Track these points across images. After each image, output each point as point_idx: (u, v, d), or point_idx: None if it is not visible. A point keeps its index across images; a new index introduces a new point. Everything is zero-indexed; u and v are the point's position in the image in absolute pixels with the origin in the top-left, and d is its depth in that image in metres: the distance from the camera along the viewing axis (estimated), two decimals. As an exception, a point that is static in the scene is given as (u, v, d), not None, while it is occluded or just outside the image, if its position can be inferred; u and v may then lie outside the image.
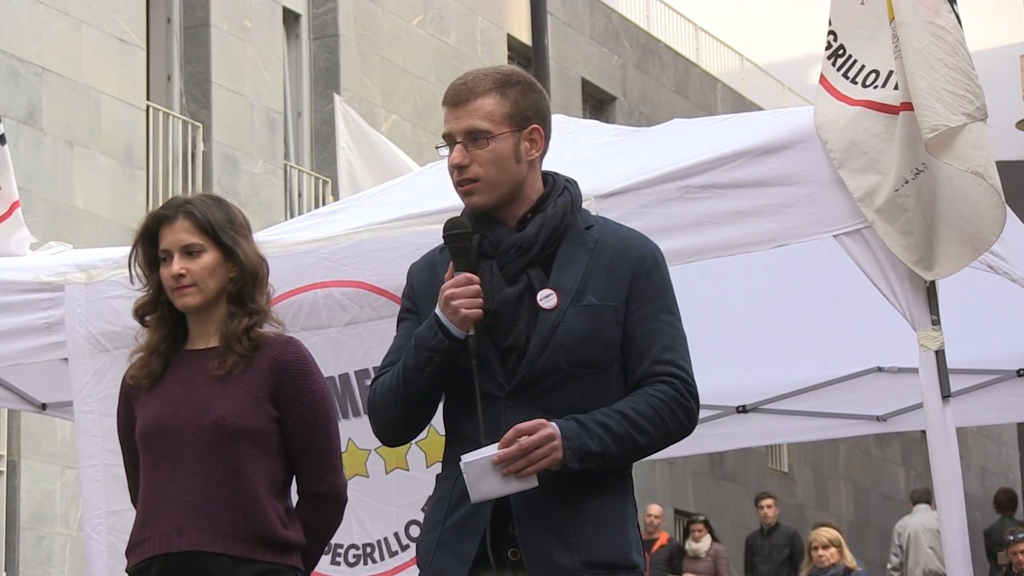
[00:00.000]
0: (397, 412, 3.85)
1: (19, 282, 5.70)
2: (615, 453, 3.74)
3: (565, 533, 3.74)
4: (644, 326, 3.83)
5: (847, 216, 4.85)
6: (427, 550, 3.84)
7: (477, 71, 3.97)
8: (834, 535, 13.31)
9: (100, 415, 5.53)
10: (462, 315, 3.73)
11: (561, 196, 3.91)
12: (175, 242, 4.30)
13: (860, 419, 7.90)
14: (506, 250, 3.84)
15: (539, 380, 3.78)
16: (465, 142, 3.86)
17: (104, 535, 5.52)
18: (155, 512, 4.25)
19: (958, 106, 4.73)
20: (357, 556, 5.54)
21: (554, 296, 3.80)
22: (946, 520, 4.76)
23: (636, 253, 3.88)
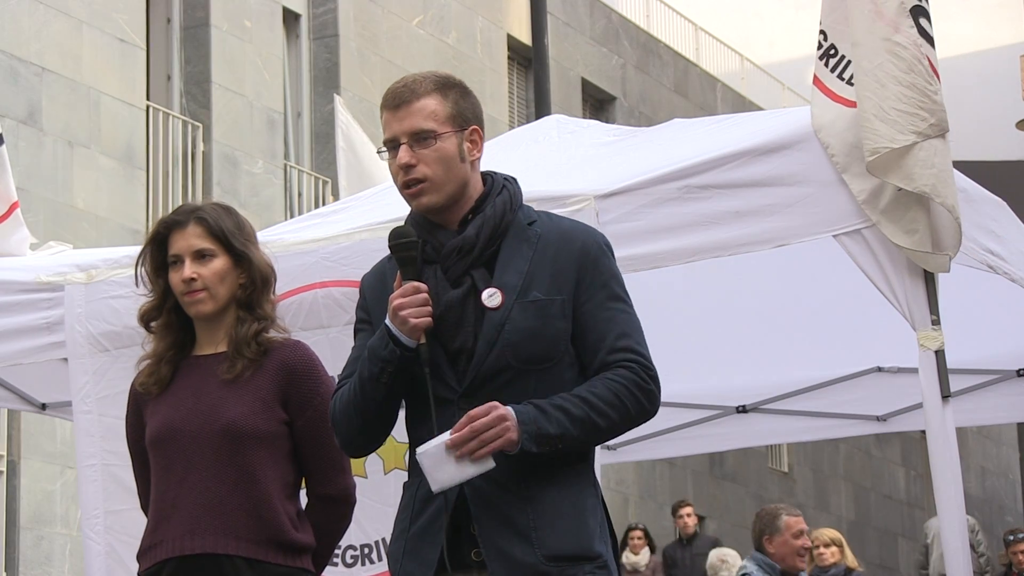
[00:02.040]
0: (358, 423, 3.85)
1: (19, 282, 5.70)
2: (575, 435, 3.72)
3: (524, 528, 3.72)
4: (596, 316, 3.83)
5: (847, 216, 4.85)
6: (395, 559, 3.84)
7: (415, 75, 3.99)
8: (835, 535, 13.33)
9: (99, 415, 5.53)
10: (411, 325, 3.73)
11: (500, 195, 3.91)
12: (186, 247, 4.33)
13: (860, 419, 7.91)
14: (448, 253, 3.84)
15: (490, 379, 3.77)
16: (410, 143, 3.85)
17: (102, 535, 5.52)
18: (167, 516, 4.28)
19: (907, 125, 4.72)
20: (355, 557, 5.54)
21: (499, 295, 3.80)
22: (946, 520, 4.76)
23: (580, 245, 3.86)
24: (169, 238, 4.36)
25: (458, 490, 3.74)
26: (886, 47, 4.75)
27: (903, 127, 4.71)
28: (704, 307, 6.51)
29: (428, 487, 3.72)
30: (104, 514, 5.52)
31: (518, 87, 20.41)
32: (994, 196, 5.54)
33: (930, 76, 4.74)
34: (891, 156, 4.73)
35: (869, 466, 27.30)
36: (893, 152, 4.72)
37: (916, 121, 4.72)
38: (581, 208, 5.01)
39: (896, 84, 4.73)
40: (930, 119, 4.73)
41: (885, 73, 4.74)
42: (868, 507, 27.11)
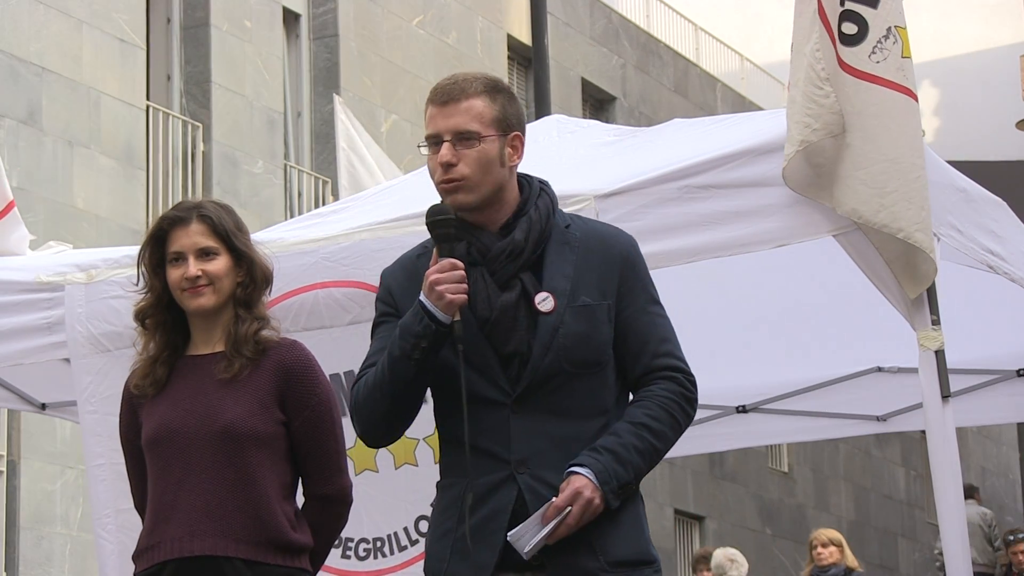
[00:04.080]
0: (384, 406, 3.86)
1: (19, 282, 5.69)
2: (644, 470, 3.83)
3: (586, 535, 3.77)
4: (638, 321, 3.88)
5: (845, 216, 4.85)
6: (440, 558, 3.85)
7: (465, 73, 3.98)
8: (835, 535, 13.34)
9: (104, 414, 5.53)
10: (447, 300, 3.74)
11: (540, 198, 3.94)
12: (190, 244, 4.31)
13: (860, 419, 7.91)
14: (495, 256, 3.86)
15: (543, 384, 3.81)
16: (453, 141, 3.86)
17: (114, 534, 5.53)
18: (165, 517, 4.27)
19: (797, 134, 4.72)
20: (367, 550, 5.56)
21: (551, 299, 3.83)
22: (946, 520, 4.76)
23: (620, 249, 3.92)
24: (170, 235, 4.34)
25: (515, 495, 3.79)
26: (801, 61, 4.77)
27: (794, 139, 4.72)
28: (704, 307, 6.51)
29: (476, 488, 3.77)
30: (115, 513, 5.52)
31: (518, 87, 20.41)
32: (994, 196, 5.54)
33: (821, 81, 4.70)
34: (809, 175, 4.74)
35: (869, 466, 27.29)
36: (812, 172, 4.73)
37: (801, 128, 4.71)
38: (581, 208, 5.01)
39: (799, 96, 4.74)
40: (814, 124, 4.70)
41: (797, 89, 4.76)
42: (868, 507, 27.11)
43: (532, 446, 3.80)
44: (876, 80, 4.72)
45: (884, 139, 4.70)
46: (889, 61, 4.74)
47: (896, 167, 4.68)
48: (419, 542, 5.50)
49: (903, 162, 4.68)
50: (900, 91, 4.73)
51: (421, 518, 5.51)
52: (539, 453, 3.80)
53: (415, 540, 5.51)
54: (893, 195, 4.66)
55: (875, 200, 4.66)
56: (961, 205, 5.17)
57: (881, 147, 4.69)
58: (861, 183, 4.69)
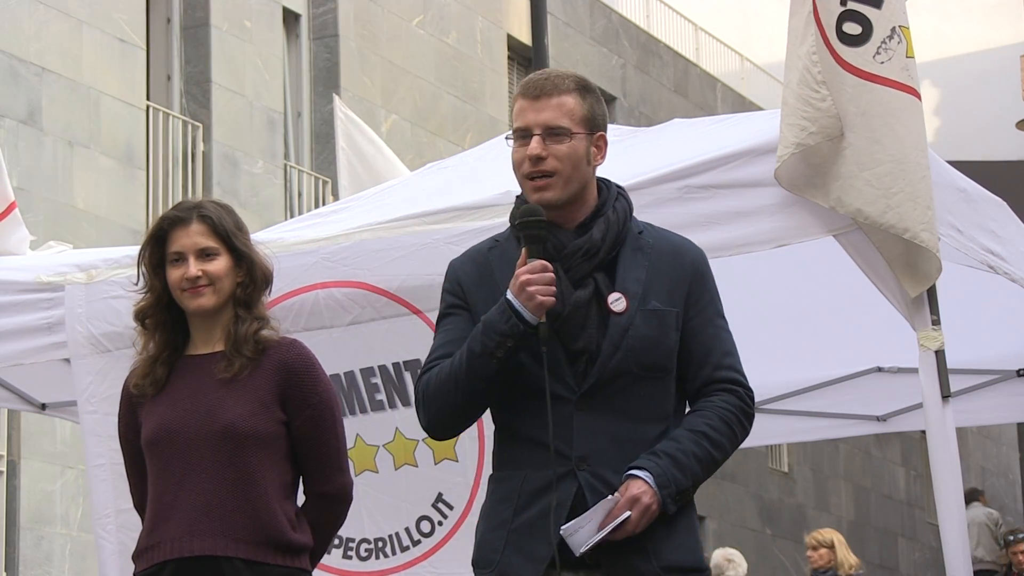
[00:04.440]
0: (458, 400, 3.85)
1: (19, 282, 5.69)
2: (701, 478, 3.86)
3: (641, 539, 3.78)
4: (703, 332, 3.92)
5: (846, 216, 4.85)
6: (494, 549, 3.87)
7: (557, 70, 4.01)
8: (826, 536, 13.28)
9: (104, 414, 5.53)
10: (538, 301, 3.74)
11: (618, 201, 3.97)
12: (191, 245, 4.31)
13: (860, 419, 7.90)
14: (571, 253, 3.87)
15: (610, 383, 3.83)
16: (544, 135, 3.89)
17: (115, 534, 5.53)
18: (165, 517, 4.27)
19: (792, 137, 4.71)
20: (368, 550, 5.56)
21: (623, 299, 3.85)
22: (946, 520, 4.76)
23: (691, 260, 3.95)
24: (170, 235, 4.34)
25: (575, 490, 3.80)
26: (794, 62, 4.76)
27: (788, 141, 4.71)
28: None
29: (534, 482, 3.79)
30: (115, 513, 5.52)
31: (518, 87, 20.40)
32: (994, 196, 5.53)
33: (817, 84, 4.69)
34: (806, 174, 4.74)
35: (869, 466, 27.29)
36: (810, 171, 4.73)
37: (797, 131, 4.70)
38: (581, 208, 5.00)
39: (793, 98, 4.73)
40: (810, 127, 4.69)
41: (790, 91, 4.75)
42: (868, 507, 27.11)
43: (593, 444, 3.82)
44: (881, 80, 4.72)
45: (889, 139, 4.69)
46: (894, 61, 4.73)
47: (901, 167, 4.67)
48: (421, 542, 5.50)
49: (908, 162, 4.68)
50: (905, 91, 4.73)
51: (422, 518, 5.51)
52: (600, 451, 3.82)
53: (417, 540, 5.52)
54: (899, 195, 4.65)
55: (881, 201, 4.66)
56: (961, 205, 5.17)
57: (887, 147, 4.69)
58: (866, 183, 4.68)
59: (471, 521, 5.36)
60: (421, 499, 5.49)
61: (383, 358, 5.44)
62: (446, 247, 5.23)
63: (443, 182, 5.81)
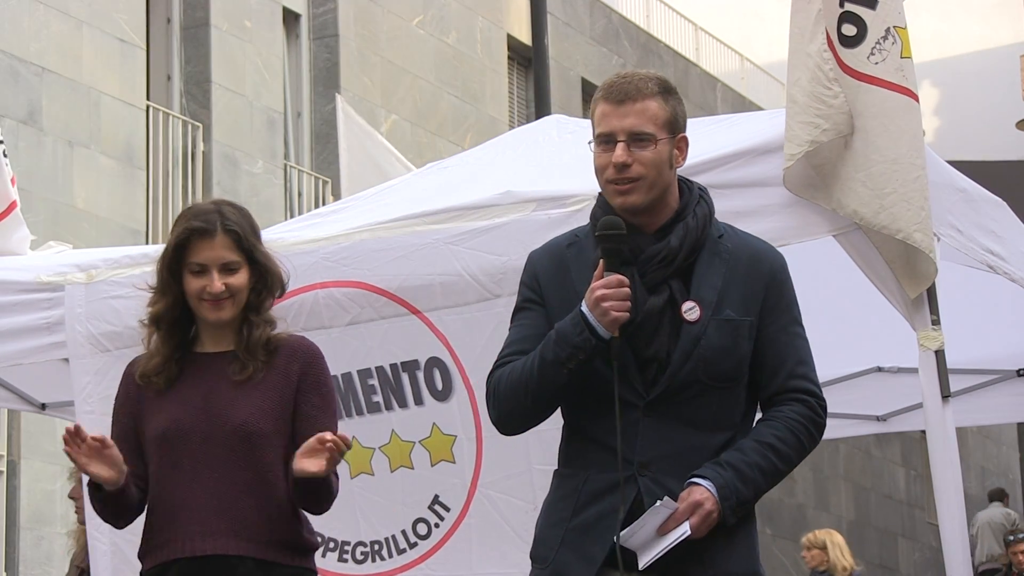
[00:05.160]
0: (527, 403, 3.85)
1: (19, 282, 5.69)
2: (764, 490, 3.85)
3: (699, 548, 3.77)
4: (778, 340, 3.90)
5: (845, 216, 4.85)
6: (549, 546, 3.87)
7: (637, 72, 4.00)
8: (818, 537, 13.26)
9: (102, 414, 5.52)
10: (611, 317, 3.73)
11: (699, 206, 3.93)
12: (215, 258, 4.31)
13: (860, 419, 7.91)
14: (648, 259, 3.85)
15: (678, 392, 3.81)
16: (628, 141, 3.86)
17: (108, 535, 5.53)
18: (174, 515, 4.27)
19: (804, 135, 4.71)
20: (364, 553, 5.55)
21: (697, 308, 3.83)
22: (946, 520, 4.76)
23: (769, 266, 3.93)
24: (193, 244, 4.32)
25: (634, 496, 3.79)
26: (803, 61, 4.75)
27: (801, 139, 4.70)
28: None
29: (595, 483, 3.79)
30: (109, 514, 5.51)
31: (518, 87, 20.40)
32: (994, 196, 5.53)
33: (829, 81, 4.69)
34: (810, 176, 4.74)
35: (869, 466, 27.28)
36: (812, 173, 4.72)
37: (810, 129, 4.70)
38: (581, 208, 5.01)
39: (805, 97, 4.72)
40: (824, 124, 4.69)
41: (799, 88, 4.74)
42: (868, 507, 27.10)
43: (658, 450, 3.81)
44: (875, 81, 4.72)
45: (883, 140, 4.69)
46: (888, 62, 4.73)
47: (896, 168, 4.67)
48: (417, 545, 5.49)
49: (903, 163, 4.68)
50: (900, 91, 4.73)
51: (418, 521, 5.50)
52: (663, 458, 3.81)
53: (413, 543, 5.50)
54: (892, 196, 4.65)
55: (875, 201, 4.66)
56: (961, 205, 5.17)
57: (880, 148, 4.69)
58: (861, 184, 4.69)
59: (468, 523, 5.36)
60: (417, 501, 5.48)
61: (381, 359, 5.44)
62: (446, 247, 5.23)
63: (443, 182, 5.81)
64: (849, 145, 4.71)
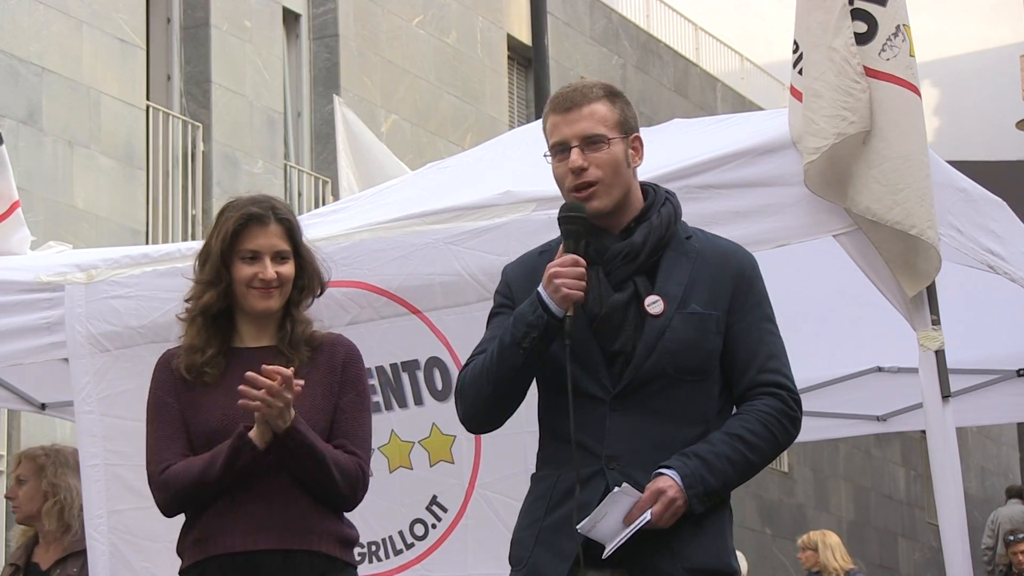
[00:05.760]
0: (488, 390, 3.90)
1: (19, 282, 5.69)
2: (735, 481, 3.86)
3: (667, 538, 3.80)
4: (748, 336, 3.93)
5: (846, 216, 4.85)
6: (525, 546, 3.91)
7: (582, 81, 4.06)
8: (811, 539, 13.25)
9: (101, 415, 5.52)
10: (563, 294, 3.78)
11: (664, 206, 4.00)
12: (268, 246, 4.35)
13: (860, 419, 7.91)
14: (612, 257, 3.91)
15: (645, 384, 3.85)
16: (582, 146, 3.93)
17: (106, 535, 5.52)
18: (222, 511, 4.29)
19: (831, 128, 4.71)
20: (362, 554, 5.55)
21: (661, 302, 3.88)
22: (946, 520, 4.76)
23: (736, 264, 3.97)
24: (246, 231, 4.35)
25: (603, 490, 3.82)
26: (827, 55, 4.75)
27: (827, 132, 4.70)
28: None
29: (567, 481, 3.82)
30: (108, 514, 5.52)
31: (518, 87, 20.40)
32: (994, 196, 5.53)
33: (857, 75, 4.70)
34: (829, 173, 4.74)
35: (869, 466, 27.29)
36: (830, 171, 4.72)
37: (837, 122, 4.70)
38: (581, 208, 5.00)
39: (830, 91, 4.72)
40: (851, 116, 4.70)
41: (824, 83, 4.74)
42: (868, 507, 27.10)
43: (626, 444, 3.84)
44: (887, 78, 4.73)
45: (895, 136, 4.70)
46: (899, 59, 4.75)
47: (908, 164, 4.68)
48: (414, 545, 5.49)
49: (914, 160, 4.69)
50: (909, 88, 4.74)
51: (416, 521, 5.50)
52: (632, 452, 3.84)
53: (410, 544, 5.50)
54: (905, 192, 4.66)
55: (888, 197, 4.66)
56: (961, 205, 5.17)
57: (893, 144, 4.70)
58: (874, 180, 4.69)
59: (465, 524, 5.36)
60: (415, 502, 5.48)
61: (381, 359, 5.44)
62: (446, 247, 5.23)
63: (443, 182, 5.81)
64: (864, 141, 4.71)
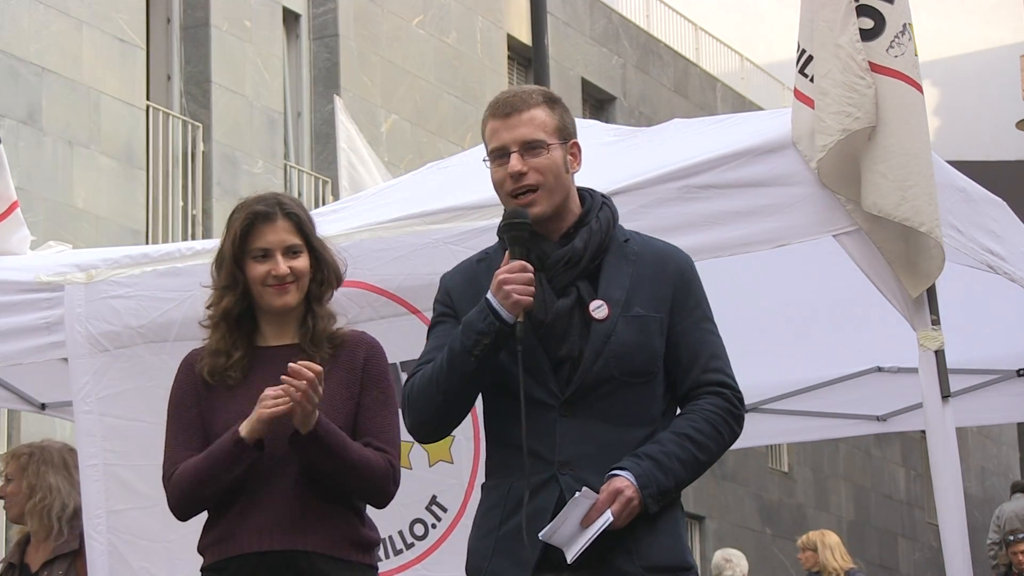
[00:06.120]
0: (438, 400, 3.91)
1: (19, 282, 5.69)
2: (685, 480, 3.89)
3: (624, 539, 3.83)
4: (690, 336, 3.96)
5: (847, 216, 4.85)
6: (483, 556, 3.93)
7: (521, 87, 4.06)
8: (810, 539, 13.25)
9: (100, 415, 5.52)
10: (514, 300, 3.80)
11: (602, 211, 4.02)
12: (278, 242, 4.35)
13: (860, 419, 7.91)
14: (554, 263, 3.93)
15: (592, 389, 3.88)
16: (521, 151, 3.94)
17: (104, 535, 5.52)
18: (244, 511, 4.29)
19: (837, 124, 4.72)
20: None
21: (605, 307, 3.90)
22: (946, 520, 4.76)
23: (675, 266, 4.00)
24: (254, 230, 4.35)
25: (557, 495, 3.84)
26: (833, 52, 4.76)
27: (833, 129, 4.71)
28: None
29: (520, 489, 3.84)
30: (106, 514, 5.51)
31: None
32: (994, 196, 5.54)
33: (862, 71, 4.71)
34: (843, 170, 4.74)
35: (869, 466, 27.29)
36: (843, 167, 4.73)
37: (842, 118, 4.71)
38: (581, 208, 5.00)
39: (836, 88, 4.73)
40: (856, 112, 4.71)
41: (831, 80, 4.74)
42: (868, 507, 27.11)
43: (577, 449, 3.87)
44: (895, 75, 4.74)
45: (903, 133, 4.71)
46: (906, 57, 4.76)
47: (916, 162, 4.69)
48: (414, 545, 5.49)
49: (921, 158, 4.71)
50: (915, 87, 4.76)
51: (415, 521, 5.50)
52: (583, 456, 3.86)
53: (410, 544, 5.51)
54: (914, 189, 4.67)
55: (896, 193, 4.67)
56: (961, 205, 5.17)
57: (900, 141, 4.71)
58: (881, 176, 4.70)
59: (465, 523, 5.36)
60: (415, 502, 5.48)
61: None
62: (446, 247, 5.23)
63: (443, 182, 5.81)
64: (870, 137, 4.72)
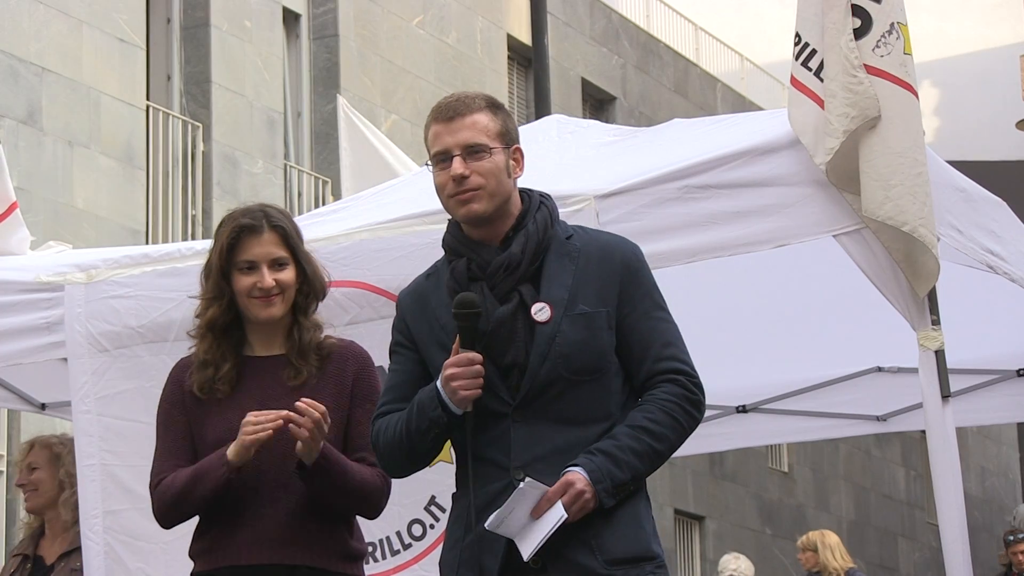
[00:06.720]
0: (405, 461, 4.02)
1: (19, 282, 5.69)
2: (643, 471, 3.88)
3: (585, 536, 3.83)
4: (640, 326, 3.94)
5: (847, 216, 4.85)
6: (451, 567, 3.95)
7: (463, 92, 4.08)
8: (810, 539, 13.24)
9: (98, 415, 5.52)
10: (461, 396, 3.84)
11: (539, 211, 4.01)
12: (264, 254, 4.36)
13: (860, 419, 7.90)
14: (494, 271, 3.93)
15: (542, 392, 3.88)
16: (464, 155, 3.94)
17: (101, 535, 5.52)
18: (233, 522, 4.30)
19: (839, 126, 4.72)
20: (360, 554, 5.55)
21: (547, 309, 3.90)
22: (946, 520, 4.76)
23: (620, 257, 3.97)
24: (241, 242, 4.36)
25: None
26: (837, 54, 4.77)
27: (837, 131, 4.72)
28: (704, 307, 6.50)
29: (483, 497, 3.86)
30: (103, 514, 5.51)
31: (518, 87, 20.40)
32: (994, 196, 5.54)
33: (855, 68, 4.71)
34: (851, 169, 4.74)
35: (869, 466, 27.29)
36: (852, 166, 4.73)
37: (843, 120, 4.72)
38: (581, 208, 5.01)
39: (840, 90, 4.73)
40: (852, 112, 4.71)
41: (837, 83, 4.75)
42: (868, 507, 27.11)
43: (532, 453, 3.87)
44: (880, 74, 4.74)
45: (888, 132, 4.71)
46: (893, 56, 4.76)
47: (901, 161, 4.69)
48: (412, 546, 5.49)
49: (907, 157, 4.69)
50: (902, 86, 4.75)
51: (414, 522, 5.50)
52: (539, 459, 3.86)
53: (408, 544, 5.51)
54: (898, 188, 4.66)
55: (880, 192, 4.67)
56: (961, 205, 5.17)
57: (886, 140, 4.70)
58: (866, 175, 4.70)
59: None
60: (414, 502, 5.48)
61: (380, 359, 5.43)
62: (445, 247, 5.22)
63: (443, 182, 5.80)
64: (863, 137, 4.72)
